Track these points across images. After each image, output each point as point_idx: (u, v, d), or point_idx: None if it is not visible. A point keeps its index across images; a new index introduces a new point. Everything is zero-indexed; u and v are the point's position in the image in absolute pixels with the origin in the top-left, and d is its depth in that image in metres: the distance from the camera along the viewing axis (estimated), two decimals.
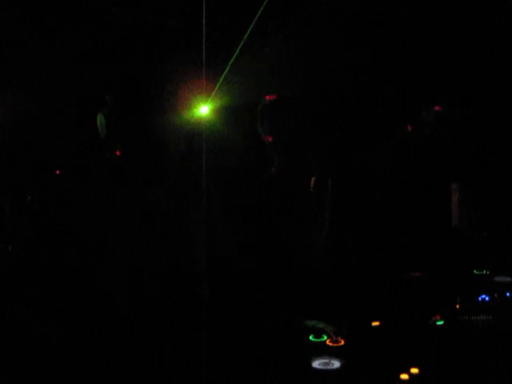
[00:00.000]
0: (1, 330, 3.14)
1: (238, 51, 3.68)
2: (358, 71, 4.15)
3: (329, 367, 2.55)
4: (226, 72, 3.69)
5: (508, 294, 3.19)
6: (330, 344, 2.85)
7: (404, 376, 2.48)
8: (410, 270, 3.60)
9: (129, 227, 3.77)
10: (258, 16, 3.66)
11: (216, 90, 3.74)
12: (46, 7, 4.04)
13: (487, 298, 3.16)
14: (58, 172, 4.26)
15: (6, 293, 3.46)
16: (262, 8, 3.67)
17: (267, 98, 3.53)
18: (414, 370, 2.50)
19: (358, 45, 4.16)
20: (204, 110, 3.75)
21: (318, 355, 2.65)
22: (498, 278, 3.45)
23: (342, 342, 2.85)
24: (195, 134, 3.80)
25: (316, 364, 2.58)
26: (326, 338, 2.90)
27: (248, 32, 3.69)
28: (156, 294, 3.29)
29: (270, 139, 3.55)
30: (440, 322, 3.00)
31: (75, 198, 4.01)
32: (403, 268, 3.88)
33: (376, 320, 3.06)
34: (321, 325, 2.96)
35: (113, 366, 2.75)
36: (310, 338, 2.93)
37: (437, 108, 4.21)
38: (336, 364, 2.58)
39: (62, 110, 4.30)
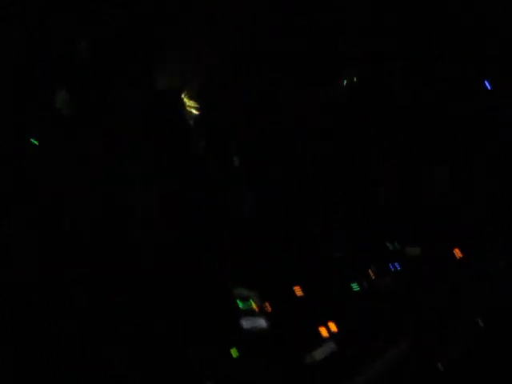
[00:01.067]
0: None
1: None
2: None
3: (257, 325, 2.79)
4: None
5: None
6: (257, 310, 3.08)
7: (323, 331, 2.75)
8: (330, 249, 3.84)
9: None
10: None
11: None
12: None
13: (398, 266, 3.47)
14: None
15: None
16: None
17: None
18: (332, 326, 2.77)
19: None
20: None
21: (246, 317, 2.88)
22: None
23: (269, 308, 3.09)
24: None
25: (244, 323, 2.81)
26: (252, 303, 3.14)
27: None
28: None
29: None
30: (356, 288, 3.29)
31: None
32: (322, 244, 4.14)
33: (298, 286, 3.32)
34: (247, 292, 3.18)
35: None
36: (238, 303, 3.16)
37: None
38: (263, 323, 2.82)
39: None
